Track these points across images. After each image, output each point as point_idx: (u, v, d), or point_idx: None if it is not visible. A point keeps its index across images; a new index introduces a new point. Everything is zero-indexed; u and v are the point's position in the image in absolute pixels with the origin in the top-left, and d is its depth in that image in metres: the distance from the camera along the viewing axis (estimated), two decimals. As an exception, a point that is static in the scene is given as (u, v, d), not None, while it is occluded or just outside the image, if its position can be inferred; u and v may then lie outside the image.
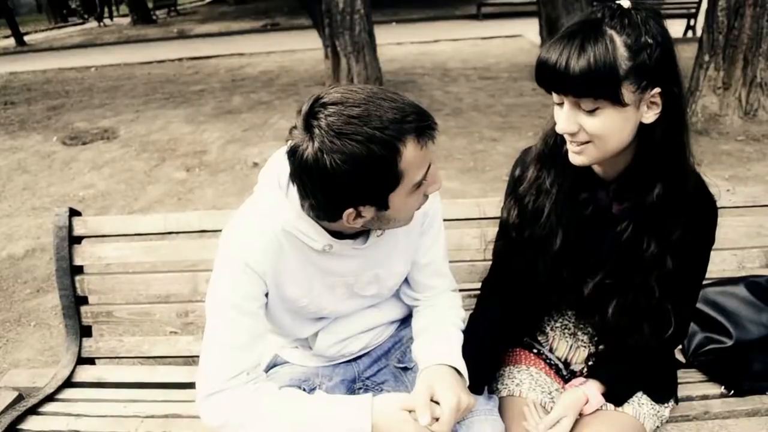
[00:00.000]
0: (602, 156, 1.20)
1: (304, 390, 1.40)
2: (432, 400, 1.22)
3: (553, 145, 1.28)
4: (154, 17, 22.00)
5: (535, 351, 1.55)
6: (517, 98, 7.17)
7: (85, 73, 11.38)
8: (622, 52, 1.08)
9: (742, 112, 5.59)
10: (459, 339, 1.41)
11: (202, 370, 1.26)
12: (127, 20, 22.14)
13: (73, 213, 1.97)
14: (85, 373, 1.93)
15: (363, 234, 1.31)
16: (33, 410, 1.74)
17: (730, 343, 1.69)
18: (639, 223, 1.26)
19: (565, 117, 1.17)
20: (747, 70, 5.44)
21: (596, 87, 1.09)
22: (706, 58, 5.57)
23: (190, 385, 1.86)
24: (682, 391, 1.61)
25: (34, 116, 7.85)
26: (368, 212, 1.15)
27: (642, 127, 1.17)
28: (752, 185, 1.97)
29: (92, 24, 22.82)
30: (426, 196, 1.22)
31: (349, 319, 1.48)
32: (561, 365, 1.53)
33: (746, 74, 5.46)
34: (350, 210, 1.12)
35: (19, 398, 1.83)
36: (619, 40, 1.08)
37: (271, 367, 1.55)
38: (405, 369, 1.52)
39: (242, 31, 16.47)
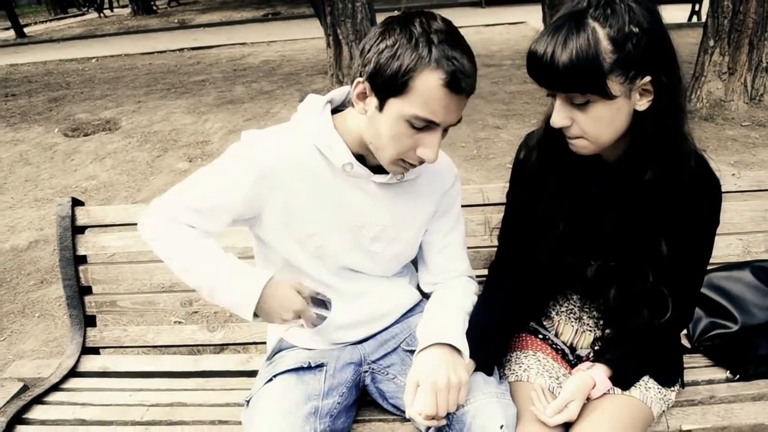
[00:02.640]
0: (599, 147, 1.20)
1: (311, 367, 1.42)
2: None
3: (554, 130, 1.27)
4: (155, 7, 21.93)
5: (540, 336, 1.55)
6: (521, 85, 7.13)
7: (86, 65, 11.36)
8: (605, 45, 1.06)
9: (748, 97, 5.56)
10: (463, 320, 1.42)
11: (162, 196, 1.37)
12: (127, 11, 22.09)
13: (76, 203, 1.97)
14: (89, 363, 1.93)
15: (383, 172, 1.34)
16: (38, 400, 1.75)
17: (735, 328, 1.69)
18: (637, 206, 1.26)
19: (557, 111, 1.17)
20: (752, 55, 5.40)
21: (581, 82, 1.09)
22: (711, 43, 5.52)
23: (195, 374, 1.88)
24: (687, 376, 1.61)
25: (35, 108, 7.84)
26: (371, 103, 1.21)
27: (636, 114, 1.16)
28: (758, 170, 1.96)
29: (92, 15, 22.77)
30: (417, 157, 1.23)
31: (354, 305, 1.48)
32: (567, 350, 1.53)
33: (752, 59, 5.42)
34: (362, 80, 1.20)
35: (24, 389, 1.83)
36: (601, 33, 1.06)
37: (277, 352, 1.55)
38: (413, 352, 1.52)
39: (243, 20, 16.40)
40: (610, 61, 1.06)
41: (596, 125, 1.15)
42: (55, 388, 1.82)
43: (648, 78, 1.10)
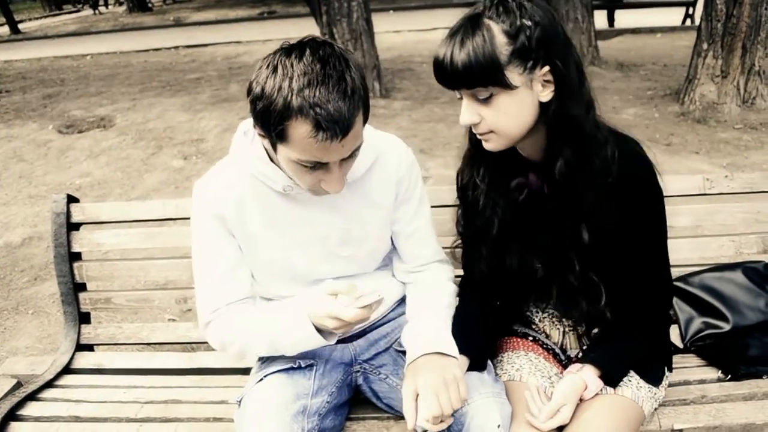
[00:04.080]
0: (509, 141, 1.24)
1: (301, 367, 1.44)
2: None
3: (476, 140, 1.30)
4: (150, 5, 21.83)
5: (531, 338, 1.56)
6: (515, 86, 7.14)
7: (81, 61, 11.30)
8: (500, 39, 1.13)
9: (740, 100, 5.59)
10: (446, 317, 1.45)
11: (197, 306, 1.44)
12: (122, 8, 21.99)
13: (71, 199, 1.97)
14: (84, 360, 1.93)
15: None
16: (32, 396, 1.75)
17: (727, 328, 1.70)
18: (562, 200, 1.29)
19: (465, 110, 1.21)
20: (745, 59, 5.43)
21: (480, 76, 1.14)
22: (705, 46, 5.55)
23: (189, 371, 1.88)
24: (679, 376, 1.62)
25: (29, 104, 7.79)
26: (267, 144, 1.22)
27: (542, 106, 1.20)
28: (750, 173, 1.98)
29: (87, 12, 22.67)
30: (323, 189, 1.25)
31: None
32: (558, 351, 1.54)
33: (744, 62, 5.45)
34: (257, 128, 1.20)
35: (18, 385, 1.83)
36: (496, 29, 1.13)
37: None
38: (405, 353, 1.52)
39: (239, 18, 16.35)
40: (507, 53, 1.12)
41: (502, 118, 1.19)
42: (49, 384, 1.82)
43: (546, 68, 1.15)
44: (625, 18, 10.70)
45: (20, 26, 18.34)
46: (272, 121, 1.12)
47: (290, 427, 1.27)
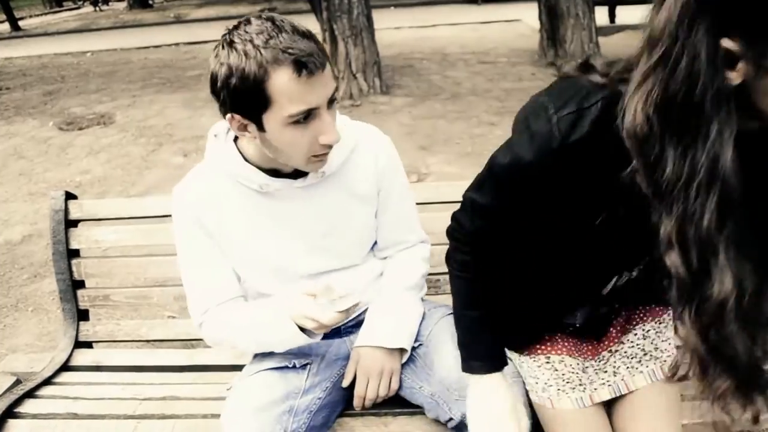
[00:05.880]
0: None
1: (295, 367, 1.44)
2: None
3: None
4: (151, 2, 21.83)
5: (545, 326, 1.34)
6: (516, 83, 7.13)
7: (81, 59, 11.30)
8: None
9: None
10: (410, 299, 1.52)
11: (188, 308, 1.46)
12: (123, 5, 21.97)
13: (70, 196, 1.96)
14: (82, 357, 1.93)
15: (304, 174, 1.36)
16: (30, 394, 1.74)
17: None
18: None
19: None
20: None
21: None
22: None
23: (188, 368, 1.88)
24: (683, 368, 1.61)
25: (29, 101, 7.80)
26: (252, 129, 1.21)
27: None
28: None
29: (88, 9, 22.66)
30: (321, 145, 1.23)
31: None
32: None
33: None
34: (232, 116, 1.19)
35: (17, 383, 1.83)
36: None
37: None
38: None
39: (240, 15, 16.21)
40: None
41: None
42: (48, 382, 1.81)
43: None
44: (626, 14, 10.68)
45: (21, 23, 18.34)
46: (251, 90, 1.12)
47: (272, 428, 1.27)
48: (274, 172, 1.34)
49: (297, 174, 1.36)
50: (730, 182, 0.78)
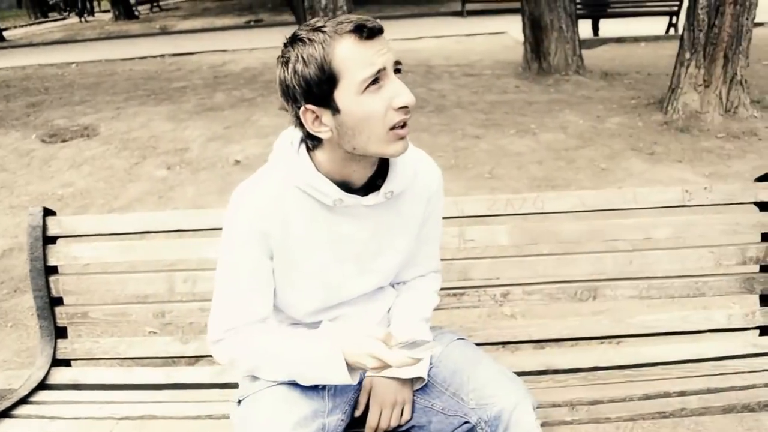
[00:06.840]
0: None
1: (315, 386, 1.40)
2: None
3: None
4: (137, 13, 21.78)
5: None
6: (500, 95, 7.18)
7: (66, 70, 11.23)
8: None
9: (723, 109, 5.65)
10: (422, 329, 1.49)
11: (210, 319, 1.40)
12: (108, 16, 21.89)
13: (48, 212, 1.94)
14: (60, 375, 1.90)
15: (372, 190, 1.33)
16: (5, 414, 1.71)
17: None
18: None
19: None
20: (727, 68, 5.50)
21: None
22: (687, 55, 5.62)
23: (166, 386, 1.85)
24: (661, 387, 1.61)
25: (12, 113, 7.73)
26: (326, 116, 1.19)
27: None
28: (732, 182, 1.99)
29: (73, 19, 22.55)
30: (396, 110, 1.19)
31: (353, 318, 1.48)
32: None
33: (726, 72, 5.52)
34: (305, 108, 1.19)
35: (-7, 400, 1.80)
36: None
37: None
38: None
39: (225, 27, 16.34)
40: None
41: None
42: (24, 401, 1.78)
43: None
44: (609, 27, 10.81)
45: (5, 34, 18.19)
46: (319, 68, 1.15)
47: None
48: (345, 188, 1.30)
49: (366, 191, 1.33)
50: None
